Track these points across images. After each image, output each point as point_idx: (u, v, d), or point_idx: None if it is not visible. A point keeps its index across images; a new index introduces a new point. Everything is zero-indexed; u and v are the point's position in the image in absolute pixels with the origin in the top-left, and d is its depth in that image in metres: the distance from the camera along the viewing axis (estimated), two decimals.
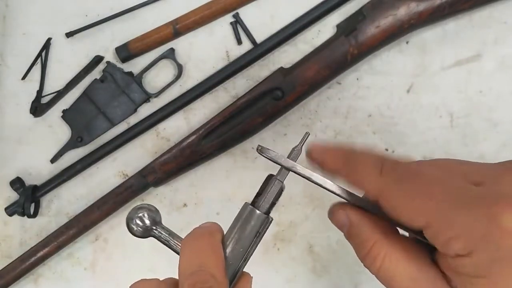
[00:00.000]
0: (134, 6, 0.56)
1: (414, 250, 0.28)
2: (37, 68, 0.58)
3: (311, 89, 0.52)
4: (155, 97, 0.56)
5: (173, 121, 0.57)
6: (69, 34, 0.57)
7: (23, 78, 0.58)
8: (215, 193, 0.57)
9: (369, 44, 0.50)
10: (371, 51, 0.51)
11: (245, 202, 0.31)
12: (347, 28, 0.51)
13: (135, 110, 0.57)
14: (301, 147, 0.32)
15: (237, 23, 0.55)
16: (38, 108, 0.57)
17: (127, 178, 0.56)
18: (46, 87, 0.58)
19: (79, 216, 0.56)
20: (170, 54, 0.56)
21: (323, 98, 0.55)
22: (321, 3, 0.53)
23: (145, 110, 0.57)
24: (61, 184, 0.58)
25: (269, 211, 0.30)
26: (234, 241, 0.30)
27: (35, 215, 0.58)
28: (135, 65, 0.57)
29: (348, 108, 0.55)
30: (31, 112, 0.58)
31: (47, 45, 0.58)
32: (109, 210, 0.56)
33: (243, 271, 0.31)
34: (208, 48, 0.56)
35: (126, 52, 0.55)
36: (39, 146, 0.59)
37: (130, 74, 0.56)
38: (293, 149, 0.32)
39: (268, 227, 0.31)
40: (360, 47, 0.50)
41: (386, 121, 0.54)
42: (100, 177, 0.58)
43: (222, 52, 0.56)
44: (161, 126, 0.57)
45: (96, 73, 0.57)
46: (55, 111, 0.58)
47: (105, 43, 0.57)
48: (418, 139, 0.54)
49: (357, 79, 0.54)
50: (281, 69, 0.53)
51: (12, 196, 0.58)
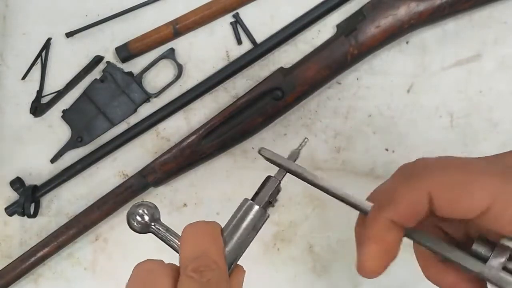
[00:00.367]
0: (134, 6, 0.56)
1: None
2: (37, 68, 0.58)
3: (311, 89, 0.52)
4: (155, 97, 0.56)
5: (173, 121, 0.57)
6: (69, 34, 0.57)
7: (23, 78, 0.58)
8: (215, 193, 0.57)
9: (369, 44, 0.50)
10: (371, 51, 0.51)
11: (245, 198, 0.32)
12: (347, 28, 0.51)
13: (135, 110, 0.57)
14: (299, 151, 0.33)
15: (237, 23, 0.55)
16: (38, 108, 0.57)
17: (127, 178, 0.56)
18: (46, 87, 0.58)
19: (79, 216, 0.56)
20: (170, 54, 0.56)
21: (323, 98, 0.55)
22: (321, 3, 0.53)
23: (145, 110, 0.57)
24: (61, 184, 0.58)
25: (266, 207, 0.32)
26: (232, 233, 0.31)
27: (35, 215, 0.58)
28: (135, 65, 0.57)
29: (348, 108, 0.55)
30: (31, 112, 0.58)
31: (47, 45, 0.58)
32: (109, 210, 0.56)
33: (238, 264, 0.32)
34: (208, 48, 0.56)
35: (126, 52, 0.55)
36: (39, 146, 0.59)
37: (130, 74, 0.56)
38: (292, 151, 0.33)
39: (265, 222, 0.32)
40: (360, 47, 0.50)
41: (386, 121, 0.54)
42: (100, 177, 0.58)
43: (222, 52, 0.56)
44: (161, 126, 0.57)
45: (96, 73, 0.57)
46: (55, 111, 0.58)
47: (105, 43, 0.57)
48: (418, 139, 0.54)
49: (357, 79, 0.54)
50: (281, 69, 0.53)
51: (12, 196, 0.58)
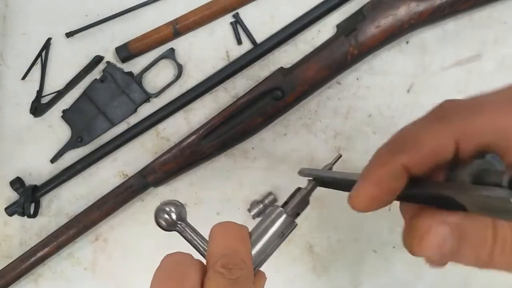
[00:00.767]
0: (134, 6, 0.56)
1: None
2: (37, 68, 0.58)
3: (311, 89, 0.52)
4: (155, 97, 0.56)
5: (173, 121, 0.57)
6: (69, 34, 0.57)
7: (23, 78, 0.58)
8: (215, 193, 0.57)
9: (369, 44, 0.50)
10: (371, 51, 0.51)
11: (276, 204, 0.32)
12: (347, 28, 0.51)
13: (135, 110, 0.57)
14: (332, 165, 0.34)
15: (237, 23, 0.55)
16: (38, 108, 0.57)
17: (127, 178, 0.56)
18: (46, 87, 0.58)
19: (79, 216, 0.56)
20: (170, 54, 0.56)
21: (323, 98, 0.55)
22: (321, 3, 0.53)
23: (145, 110, 0.57)
24: (61, 184, 0.58)
25: (295, 216, 0.32)
26: (259, 236, 0.31)
27: (35, 215, 0.58)
28: (135, 65, 0.57)
29: (348, 108, 0.55)
30: (31, 112, 0.58)
31: (47, 45, 0.58)
32: (109, 210, 0.56)
33: (261, 270, 0.32)
34: (208, 48, 0.56)
35: (126, 52, 0.55)
36: (39, 146, 0.59)
37: (130, 74, 0.56)
38: (324, 166, 0.34)
39: (292, 230, 0.32)
40: (360, 47, 0.50)
41: (386, 121, 0.54)
42: (100, 177, 0.58)
43: (222, 52, 0.56)
44: (161, 126, 0.57)
45: (96, 73, 0.57)
46: (55, 111, 0.58)
47: (105, 43, 0.57)
48: None
49: (357, 79, 0.54)
50: (281, 69, 0.53)
51: (12, 196, 0.58)
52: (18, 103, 0.59)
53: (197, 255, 0.31)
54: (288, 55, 0.55)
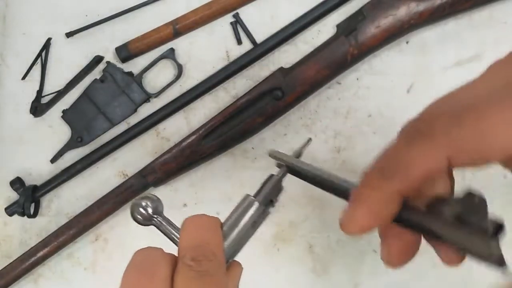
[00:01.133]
0: (134, 6, 0.56)
1: None
2: (37, 68, 0.58)
3: (311, 89, 0.52)
4: (155, 97, 0.56)
5: (173, 121, 0.57)
6: (69, 34, 0.57)
7: (23, 78, 0.58)
8: (215, 193, 0.57)
9: (369, 44, 0.50)
10: (371, 51, 0.51)
11: (246, 194, 0.32)
12: (347, 28, 0.51)
13: (135, 110, 0.57)
14: (301, 150, 0.34)
15: (237, 23, 0.55)
16: (38, 108, 0.57)
17: (127, 178, 0.56)
18: (46, 87, 0.58)
19: (79, 216, 0.56)
20: (170, 54, 0.56)
21: (323, 98, 0.55)
22: (321, 3, 0.53)
23: (145, 110, 0.57)
24: (61, 184, 0.58)
25: (267, 205, 0.32)
26: (231, 228, 0.31)
27: (35, 215, 0.58)
28: (135, 65, 0.57)
29: (348, 108, 0.55)
30: (31, 112, 0.58)
31: (47, 45, 0.58)
32: (109, 210, 0.56)
33: (235, 260, 0.32)
34: (208, 48, 0.56)
35: (126, 52, 0.55)
36: (39, 146, 0.59)
37: (130, 74, 0.56)
38: (294, 151, 0.34)
39: (264, 219, 0.32)
40: (360, 47, 0.50)
41: (386, 121, 0.54)
42: (100, 177, 0.58)
43: (222, 52, 0.56)
44: (161, 126, 0.57)
45: (96, 73, 0.57)
46: (55, 111, 0.58)
47: (105, 43, 0.57)
48: None
49: (357, 79, 0.54)
50: (281, 69, 0.53)
51: (12, 196, 0.58)
52: (18, 103, 0.59)
53: (176, 249, 0.31)
54: (288, 55, 0.55)
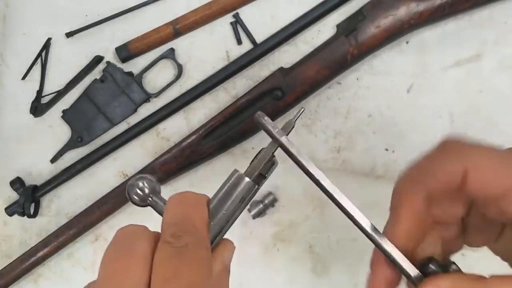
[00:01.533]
0: (134, 6, 0.56)
1: None
2: (37, 68, 0.58)
3: (311, 89, 0.52)
4: (155, 97, 0.56)
5: (173, 121, 0.57)
6: (69, 34, 0.57)
7: (23, 78, 0.58)
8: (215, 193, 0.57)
9: (369, 44, 0.50)
10: (371, 51, 0.51)
11: (235, 169, 0.31)
12: (347, 28, 0.51)
13: (135, 110, 0.57)
14: (294, 121, 0.32)
15: (237, 23, 0.55)
16: (38, 108, 0.57)
17: (127, 178, 0.56)
18: (46, 87, 0.58)
19: (79, 216, 0.56)
20: (170, 54, 0.56)
21: (323, 98, 0.55)
22: (321, 3, 0.53)
23: (145, 110, 0.57)
24: (61, 184, 0.58)
25: (259, 180, 0.31)
26: (219, 203, 0.30)
27: (35, 215, 0.58)
28: (135, 65, 0.57)
29: (348, 108, 0.55)
30: (31, 112, 0.58)
31: (47, 45, 0.58)
32: (109, 210, 0.56)
33: (226, 238, 0.31)
34: (208, 48, 0.56)
35: (126, 52, 0.55)
36: (39, 146, 0.59)
37: (130, 74, 0.56)
38: (286, 122, 0.32)
39: (254, 195, 0.31)
40: (360, 47, 0.50)
41: (386, 121, 0.54)
42: (100, 177, 0.58)
43: (222, 52, 0.56)
44: (161, 126, 0.57)
45: (96, 73, 0.57)
46: (55, 111, 0.58)
47: (105, 43, 0.57)
48: (418, 139, 0.54)
49: (357, 79, 0.54)
50: (281, 69, 0.53)
51: (12, 196, 0.58)
52: (18, 103, 0.59)
53: None
54: (288, 55, 0.55)
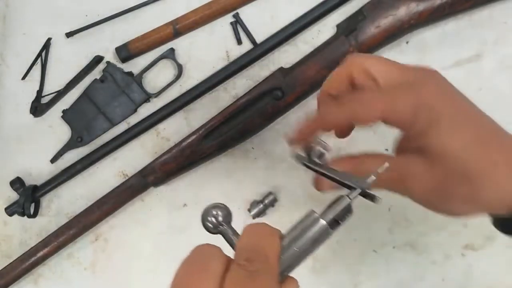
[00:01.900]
0: (134, 6, 0.56)
1: None
2: (37, 68, 0.58)
3: (311, 89, 0.52)
4: (155, 97, 0.56)
5: (173, 121, 0.57)
6: (69, 34, 0.57)
7: (23, 78, 0.58)
8: (215, 193, 0.57)
9: (369, 44, 0.50)
10: (371, 51, 0.51)
11: (311, 210, 0.32)
12: (347, 28, 0.51)
13: (135, 110, 0.57)
14: (376, 176, 0.32)
15: (237, 23, 0.55)
16: (38, 108, 0.57)
17: (127, 178, 0.56)
18: (46, 87, 0.58)
19: (79, 216, 0.56)
20: (170, 54, 0.56)
21: None
22: (321, 3, 0.53)
23: (145, 110, 0.57)
24: (61, 184, 0.58)
25: (333, 225, 0.32)
26: (291, 240, 0.31)
27: (35, 215, 0.58)
28: (135, 65, 0.57)
29: None
30: (31, 112, 0.58)
31: (47, 45, 0.58)
32: (109, 210, 0.56)
33: (292, 276, 0.31)
34: (208, 48, 0.56)
35: (126, 52, 0.55)
36: (39, 146, 0.59)
37: (130, 74, 0.56)
38: (368, 176, 0.33)
39: (327, 239, 0.32)
40: (360, 47, 0.50)
41: None
42: (100, 177, 0.58)
43: (222, 52, 0.56)
44: (161, 126, 0.57)
45: (96, 73, 0.57)
46: (55, 111, 0.58)
47: (105, 43, 0.57)
48: None
49: None
50: (281, 69, 0.53)
51: (12, 196, 0.58)
52: (18, 103, 0.59)
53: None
54: (288, 55, 0.55)
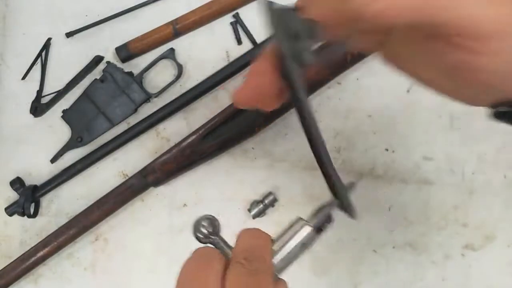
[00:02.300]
0: (134, 6, 0.56)
1: None
2: (37, 68, 0.58)
3: (311, 89, 0.52)
4: (155, 97, 0.56)
5: (173, 121, 0.57)
6: (69, 34, 0.57)
7: (23, 78, 0.58)
8: (215, 193, 0.57)
9: None
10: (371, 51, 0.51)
11: (299, 217, 0.35)
12: None
13: (135, 110, 0.57)
14: (353, 187, 0.36)
15: (237, 23, 0.55)
16: (38, 108, 0.57)
17: (127, 178, 0.56)
18: (46, 87, 0.58)
19: (79, 216, 0.56)
20: (170, 54, 0.56)
21: (323, 98, 0.55)
22: None
23: (145, 110, 0.57)
24: (61, 184, 0.58)
25: (318, 231, 0.36)
26: (281, 244, 0.34)
27: (35, 215, 0.58)
28: (135, 65, 0.57)
29: (348, 108, 0.55)
30: (31, 112, 0.58)
31: (47, 45, 0.58)
32: (109, 210, 0.56)
33: (282, 278, 0.34)
34: (208, 48, 0.56)
35: (126, 52, 0.55)
36: (39, 146, 0.59)
37: (130, 74, 0.56)
38: (348, 183, 0.36)
39: (313, 244, 0.35)
40: None
41: (386, 121, 0.54)
42: (100, 177, 0.58)
43: (222, 52, 0.56)
44: (161, 126, 0.57)
45: (96, 73, 0.57)
46: (55, 111, 0.58)
47: (105, 43, 0.57)
48: (418, 139, 0.54)
49: (357, 79, 0.54)
50: None
51: (12, 196, 0.58)
52: (18, 103, 0.59)
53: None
54: None
